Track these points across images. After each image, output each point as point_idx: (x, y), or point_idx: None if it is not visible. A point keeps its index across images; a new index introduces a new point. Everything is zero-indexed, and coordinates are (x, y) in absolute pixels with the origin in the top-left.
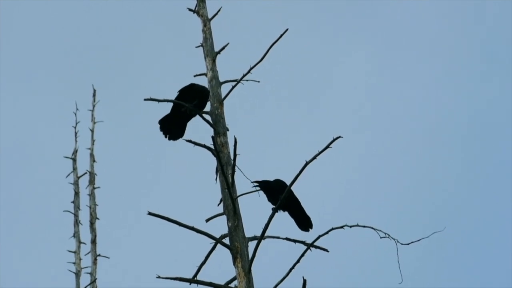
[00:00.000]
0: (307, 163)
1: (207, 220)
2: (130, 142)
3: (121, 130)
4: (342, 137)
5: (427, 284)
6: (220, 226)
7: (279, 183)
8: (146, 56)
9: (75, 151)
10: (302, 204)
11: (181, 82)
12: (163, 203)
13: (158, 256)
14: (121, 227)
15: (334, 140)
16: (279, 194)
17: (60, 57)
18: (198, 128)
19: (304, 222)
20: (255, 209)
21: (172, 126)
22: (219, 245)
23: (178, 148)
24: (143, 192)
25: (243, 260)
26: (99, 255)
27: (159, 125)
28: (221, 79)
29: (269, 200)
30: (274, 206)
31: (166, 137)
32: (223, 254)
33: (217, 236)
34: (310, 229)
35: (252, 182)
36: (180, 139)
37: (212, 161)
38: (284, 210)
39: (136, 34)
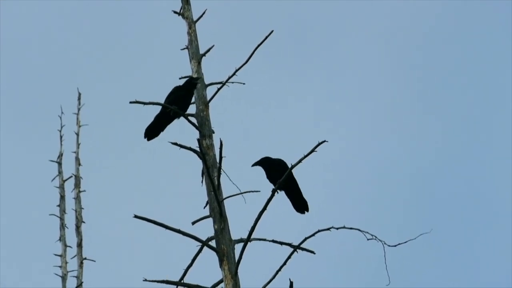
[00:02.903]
0: (292, 167)
1: (194, 223)
2: (116, 145)
3: (107, 133)
4: (327, 141)
5: (414, 286)
6: (207, 229)
7: (281, 164)
8: (131, 59)
9: (61, 155)
10: (301, 188)
11: (167, 84)
12: (149, 206)
13: (144, 259)
14: (107, 230)
15: (319, 144)
16: (279, 174)
17: (45, 60)
18: (184, 130)
19: (300, 205)
20: (241, 211)
21: (154, 129)
22: (205, 248)
23: (164, 150)
24: (129, 195)
25: (229, 262)
26: (85, 258)
27: (144, 133)
28: (207, 82)
29: (268, 177)
30: (274, 187)
31: (145, 137)
32: (209, 257)
33: (204, 238)
34: (306, 212)
35: (252, 165)
36: (165, 140)
37: (198, 164)
38: (281, 190)
39: (121, 37)
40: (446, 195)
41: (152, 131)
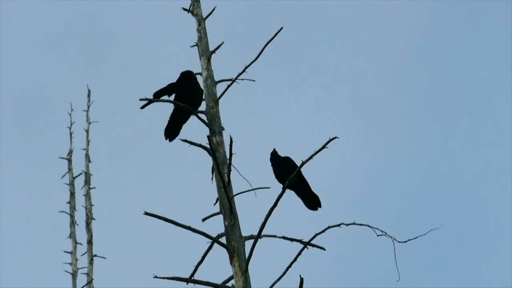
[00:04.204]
0: (303, 163)
1: (204, 220)
2: (125, 142)
3: (116, 130)
4: (338, 137)
5: (424, 282)
6: (217, 226)
7: (288, 162)
8: (141, 56)
9: (70, 152)
10: (310, 184)
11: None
12: (159, 202)
13: (154, 256)
14: (117, 227)
15: (330, 140)
16: (287, 172)
17: (55, 58)
18: (194, 127)
19: (312, 202)
20: (251, 208)
21: (172, 128)
22: (216, 245)
23: (174, 147)
24: (139, 192)
25: (240, 259)
26: (95, 255)
27: (165, 134)
28: (216, 78)
29: (276, 177)
30: (282, 186)
31: (166, 139)
32: (220, 254)
33: (214, 235)
34: (319, 208)
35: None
36: (176, 138)
37: (208, 161)
38: (290, 189)
39: (131, 34)
40: (457, 190)
41: (170, 131)
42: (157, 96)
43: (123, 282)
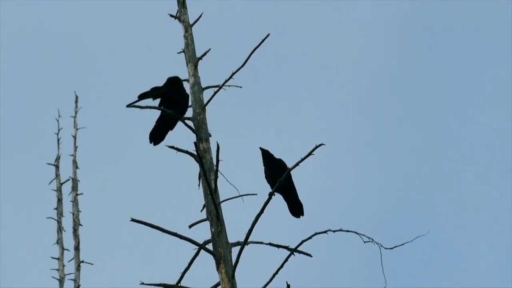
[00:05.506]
0: (289, 169)
1: (190, 226)
2: (113, 148)
3: (104, 136)
4: (324, 144)
5: None
6: (204, 232)
7: (282, 164)
8: (128, 62)
9: (58, 158)
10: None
11: None
12: (146, 209)
13: (141, 263)
14: (105, 234)
15: (316, 147)
16: (278, 175)
17: (42, 63)
18: (181, 134)
19: (296, 208)
20: (238, 214)
21: (157, 133)
22: (202, 251)
23: (161, 154)
24: (126, 198)
25: (226, 265)
26: (82, 261)
27: (149, 138)
28: (203, 85)
29: (266, 177)
30: (270, 191)
31: (151, 143)
32: (206, 260)
33: (201, 242)
34: (301, 216)
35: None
36: (162, 144)
37: (195, 167)
38: (279, 192)
39: (118, 40)
40: (441, 198)
41: (156, 136)
42: (142, 97)
43: None
